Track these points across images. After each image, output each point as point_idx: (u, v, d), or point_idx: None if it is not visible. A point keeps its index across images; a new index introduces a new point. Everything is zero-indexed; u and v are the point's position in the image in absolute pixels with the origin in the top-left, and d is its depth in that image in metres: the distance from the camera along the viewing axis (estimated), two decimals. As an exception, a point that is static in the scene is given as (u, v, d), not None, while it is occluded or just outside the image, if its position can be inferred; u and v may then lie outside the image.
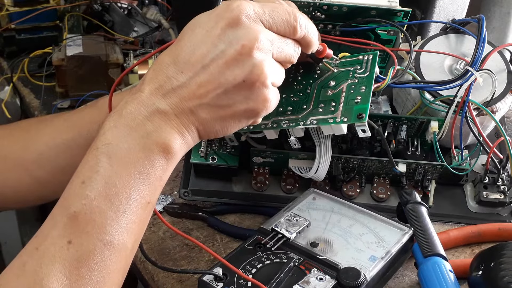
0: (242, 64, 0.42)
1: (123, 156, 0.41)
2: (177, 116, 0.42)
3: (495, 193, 0.63)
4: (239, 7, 0.42)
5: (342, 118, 0.52)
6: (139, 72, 0.88)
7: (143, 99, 0.42)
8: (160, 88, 0.42)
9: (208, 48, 0.42)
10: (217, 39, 0.42)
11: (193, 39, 0.43)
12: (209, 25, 0.43)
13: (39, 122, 0.64)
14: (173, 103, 0.42)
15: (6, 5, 0.96)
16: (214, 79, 0.42)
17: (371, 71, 0.54)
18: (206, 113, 0.43)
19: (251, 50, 0.42)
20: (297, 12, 0.46)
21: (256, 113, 0.45)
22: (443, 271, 0.51)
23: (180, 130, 0.43)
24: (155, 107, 0.42)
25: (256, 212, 0.65)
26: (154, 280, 0.57)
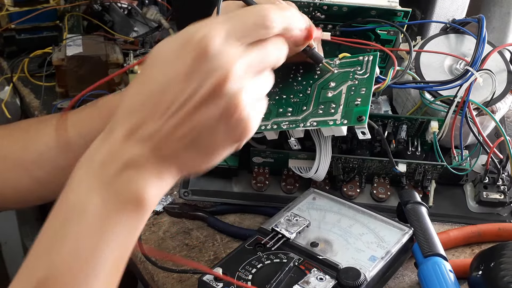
0: (217, 101, 0.38)
1: (93, 215, 0.38)
2: (153, 164, 0.39)
3: (495, 193, 0.63)
4: (206, 37, 0.38)
5: (342, 120, 0.52)
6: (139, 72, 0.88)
7: (114, 149, 0.39)
8: (132, 135, 0.39)
9: (178, 87, 0.38)
10: (186, 77, 0.38)
11: (160, 79, 0.39)
12: (175, 61, 0.39)
13: (39, 122, 0.64)
14: (149, 149, 0.39)
15: (6, 5, 0.96)
16: (189, 120, 0.38)
17: (371, 73, 0.54)
18: (185, 154, 0.40)
19: (224, 84, 0.38)
20: (268, 9, 0.42)
21: (238, 141, 0.42)
22: (443, 271, 0.51)
23: (158, 176, 0.39)
24: (128, 156, 0.38)
25: (256, 212, 0.65)
26: (154, 280, 0.57)
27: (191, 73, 0.38)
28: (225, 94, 0.38)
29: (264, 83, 0.42)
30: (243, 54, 0.39)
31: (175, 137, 0.39)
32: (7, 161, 0.60)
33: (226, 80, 0.38)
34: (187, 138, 0.39)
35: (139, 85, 0.40)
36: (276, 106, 0.57)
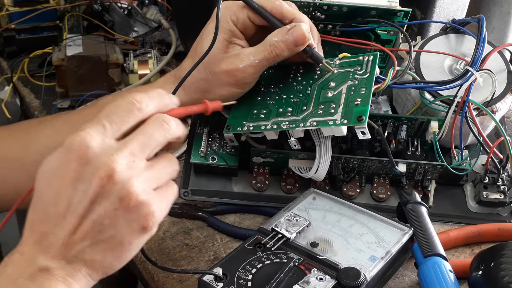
0: (107, 195, 0.40)
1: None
2: (61, 269, 0.40)
3: (495, 193, 0.63)
4: (81, 144, 0.40)
5: (342, 120, 0.52)
6: (139, 72, 0.88)
7: (23, 260, 0.40)
8: (38, 245, 0.40)
9: (69, 194, 0.40)
10: (74, 181, 0.40)
11: (52, 190, 0.41)
12: (62, 171, 0.41)
13: (39, 123, 0.64)
14: (55, 257, 0.40)
15: (6, 5, 0.96)
16: (87, 220, 0.40)
17: (371, 73, 0.54)
18: (92, 254, 0.41)
19: (111, 179, 0.39)
20: (132, 94, 0.43)
21: (145, 230, 0.42)
22: (443, 271, 0.51)
23: (65, 282, 0.40)
24: (37, 266, 0.40)
25: (256, 212, 0.65)
26: (154, 280, 0.57)
27: (78, 179, 0.40)
28: (115, 188, 0.40)
29: (161, 167, 0.43)
30: (121, 146, 0.41)
31: (76, 238, 0.40)
32: (7, 162, 0.60)
33: (112, 176, 0.39)
34: (89, 236, 0.40)
35: (35, 200, 0.42)
36: (276, 106, 0.57)
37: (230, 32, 0.56)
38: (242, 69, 0.55)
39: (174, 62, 0.94)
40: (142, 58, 0.91)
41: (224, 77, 0.56)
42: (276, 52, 0.54)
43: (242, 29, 0.56)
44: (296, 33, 0.54)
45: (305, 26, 0.54)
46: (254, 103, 0.59)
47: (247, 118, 0.58)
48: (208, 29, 0.57)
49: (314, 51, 0.56)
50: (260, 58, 0.55)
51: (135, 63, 0.88)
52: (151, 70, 0.88)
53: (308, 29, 0.54)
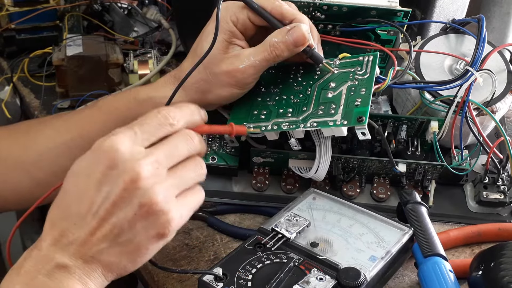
0: (129, 200, 0.41)
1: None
2: (78, 268, 0.42)
3: (495, 193, 0.63)
4: (111, 147, 0.41)
5: (342, 121, 0.52)
6: (139, 72, 0.88)
7: (41, 256, 0.42)
8: (57, 243, 0.42)
9: (93, 195, 0.41)
10: (99, 184, 0.41)
11: (77, 189, 0.42)
12: (90, 171, 0.42)
13: (38, 123, 0.64)
14: (73, 255, 0.41)
15: (6, 5, 0.96)
16: (107, 223, 0.41)
17: (371, 73, 0.54)
18: (108, 255, 0.42)
19: (134, 184, 0.41)
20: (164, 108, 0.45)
21: (162, 236, 0.43)
22: (443, 271, 0.51)
23: (82, 281, 0.42)
24: (55, 263, 0.41)
25: (256, 212, 0.65)
26: (154, 280, 0.57)
27: (103, 181, 0.41)
28: (137, 193, 0.41)
29: (185, 173, 0.45)
30: (149, 153, 0.42)
31: (95, 240, 0.41)
32: (7, 163, 0.60)
33: (136, 181, 0.41)
34: (108, 239, 0.42)
35: (59, 199, 0.43)
36: (276, 106, 0.57)
37: (230, 33, 0.56)
38: (242, 69, 0.55)
39: (174, 62, 0.94)
40: (142, 58, 0.91)
41: (224, 78, 0.56)
42: (276, 53, 0.54)
43: (242, 29, 0.56)
44: (296, 33, 0.54)
45: (305, 27, 0.54)
46: (254, 103, 0.59)
47: (247, 118, 0.58)
48: (208, 30, 0.57)
49: (314, 51, 0.56)
50: (260, 59, 0.55)
51: (135, 63, 0.88)
52: (151, 70, 0.88)
53: (308, 29, 0.54)
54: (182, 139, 0.45)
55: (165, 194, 0.42)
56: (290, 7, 0.56)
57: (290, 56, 0.55)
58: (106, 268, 0.43)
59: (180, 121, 0.45)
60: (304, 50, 0.55)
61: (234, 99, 0.59)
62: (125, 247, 0.42)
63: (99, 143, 0.42)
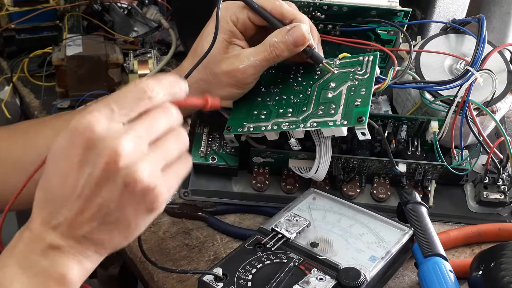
0: (113, 179, 0.40)
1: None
2: (71, 247, 0.41)
3: (495, 193, 0.63)
4: (87, 126, 0.40)
5: (342, 121, 0.52)
6: (139, 72, 0.88)
7: (33, 237, 0.41)
8: (47, 224, 0.41)
9: (75, 176, 0.41)
10: (79, 164, 0.40)
11: (59, 171, 0.42)
12: (68, 153, 0.41)
13: (38, 124, 0.64)
14: (64, 235, 0.41)
15: (6, 5, 0.96)
16: (93, 203, 0.41)
17: (371, 73, 0.54)
18: (100, 234, 0.42)
19: (115, 163, 0.40)
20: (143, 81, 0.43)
21: (151, 211, 0.42)
22: (443, 271, 0.51)
23: (76, 259, 0.42)
24: (47, 243, 0.41)
25: (256, 212, 0.65)
26: (154, 280, 0.57)
27: (83, 162, 0.40)
28: (119, 170, 0.40)
29: (167, 145, 0.43)
30: (128, 129, 0.41)
31: (83, 219, 0.41)
32: (7, 163, 0.60)
33: (117, 158, 0.39)
34: (96, 218, 0.41)
35: (43, 179, 0.43)
36: (276, 106, 0.57)
37: (230, 33, 0.55)
38: (242, 69, 0.55)
39: (174, 62, 0.94)
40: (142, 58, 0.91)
41: (224, 78, 0.56)
42: (276, 53, 0.54)
43: (242, 29, 0.56)
44: (296, 33, 0.54)
45: (305, 27, 0.54)
46: (254, 103, 0.59)
47: (247, 119, 0.58)
48: (208, 30, 0.57)
49: (314, 51, 0.56)
50: (260, 59, 0.55)
51: (135, 63, 0.88)
52: (151, 70, 0.88)
53: (308, 29, 0.54)
54: (160, 112, 0.43)
55: (149, 169, 0.41)
56: (290, 7, 0.56)
57: (290, 56, 0.55)
58: (99, 246, 0.42)
59: (159, 93, 0.43)
60: (304, 50, 0.55)
61: (234, 99, 0.59)
62: (115, 225, 0.42)
63: (74, 123, 0.41)
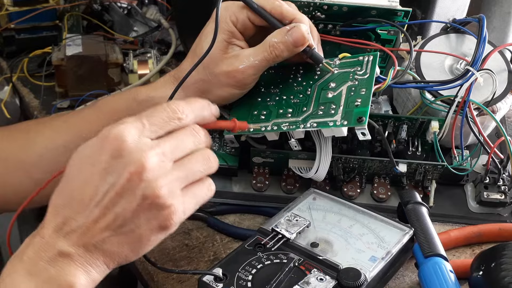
0: (133, 191, 0.41)
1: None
2: (80, 256, 0.42)
3: (495, 193, 0.63)
4: (117, 136, 0.41)
5: (342, 121, 0.52)
6: (139, 72, 0.88)
7: (43, 243, 0.42)
8: (59, 230, 0.42)
9: (97, 183, 0.41)
10: (104, 172, 0.41)
11: (81, 177, 0.42)
12: (94, 160, 0.42)
13: (38, 124, 0.64)
14: (75, 243, 0.41)
15: (5, 5, 0.96)
16: (110, 212, 0.41)
17: (371, 73, 0.54)
18: (110, 245, 0.42)
19: (139, 175, 0.41)
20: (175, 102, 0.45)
21: (164, 229, 0.43)
22: (443, 271, 0.51)
23: (85, 269, 0.42)
24: (57, 250, 0.41)
25: (256, 212, 0.65)
26: (154, 281, 0.57)
27: (107, 170, 0.41)
28: (141, 185, 0.41)
29: (191, 165, 0.44)
30: (155, 145, 0.42)
31: (97, 229, 0.42)
32: (7, 163, 0.60)
33: (141, 172, 0.41)
34: (110, 228, 0.42)
35: (62, 184, 0.43)
36: (276, 107, 0.57)
37: (229, 33, 0.55)
38: (242, 70, 0.55)
39: (174, 62, 0.94)
40: (142, 58, 0.91)
41: (223, 78, 0.56)
42: (275, 53, 0.54)
43: (242, 30, 0.56)
44: (296, 34, 0.54)
45: (305, 27, 0.54)
46: (254, 104, 0.59)
47: (247, 119, 0.58)
48: (207, 30, 0.57)
49: (314, 51, 0.56)
50: (259, 59, 0.54)
51: (134, 63, 0.88)
52: (151, 70, 0.88)
53: (307, 30, 0.54)
54: (188, 133, 0.45)
55: (169, 187, 0.42)
56: (290, 7, 0.56)
57: (289, 56, 0.55)
58: (107, 257, 0.43)
59: (188, 116, 0.45)
60: (304, 50, 0.55)
61: (234, 99, 0.59)
62: (127, 237, 0.42)
63: (106, 130, 0.42)
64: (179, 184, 0.43)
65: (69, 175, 0.43)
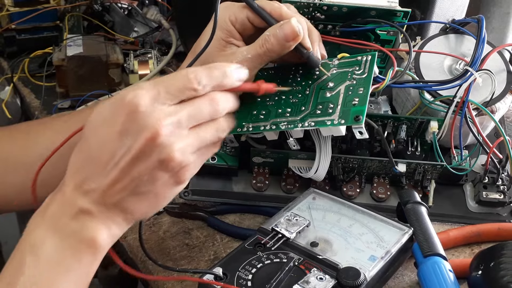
0: (149, 154, 0.43)
1: (49, 256, 0.42)
2: (101, 212, 0.43)
3: (494, 193, 0.63)
4: (133, 100, 0.42)
5: (340, 120, 0.52)
6: (140, 72, 0.88)
7: (65, 200, 0.43)
8: (79, 189, 0.43)
9: (114, 145, 0.43)
10: (120, 135, 0.43)
11: (98, 138, 0.44)
12: (110, 122, 0.43)
13: (39, 124, 0.64)
14: (95, 201, 0.43)
15: (6, 5, 0.96)
16: (127, 174, 0.43)
17: (369, 73, 0.54)
18: (129, 203, 0.44)
19: (154, 140, 0.42)
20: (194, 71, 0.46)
21: (179, 183, 0.45)
22: (442, 271, 0.51)
23: (105, 224, 0.44)
24: (78, 207, 0.43)
25: (256, 212, 0.65)
26: (154, 280, 0.57)
27: (124, 131, 0.42)
28: (156, 149, 0.42)
29: (204, 134, 0.46)
30: (171, 113, 0.43)
31: (116, 189, 0.43)
32: (7, 164, 0.60)
33: (155, 138, 0.42)
34: (128, 189, 0.43)
35: (81, 145, 0.45)
36: (275, 106, 0.57)
37: (227, 32, 0.56)
38: None
39: (174, 62, 0.95)
40: (142, 58, 0.91)
41: None
42: (266, 47, 0.54)
43: (241, 30, 0.56)
44: (286, 27, 0.53)
45: (295, 22, 0.53)
46: (254, 104, 0.59)
47: (246, 119, 0.58)
48: (207, 30, 0.57)
49: (311, 54, 0.56)
50: (252, 54, 0.54)
51: (135, 63, 0.88)
52: (151, 70, 0.88)
53: (299, 25, 0.54)
54: (206, 102, 0.46)
55: (183, 151, 0.44)
56: (289, 10, 0.56)
57: (282, 52, 0.55)
58: (127, 214, 0.44)
59: (206, 86, 0.46)
60: (301, 52, 0.55)
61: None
62: (145, 196, 0.44)
63: (122, 93, 0.43)
64: (192, 149, 0.45)
65: (87, 135, 0.44)
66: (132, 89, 0.43)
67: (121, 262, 0.46)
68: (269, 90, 0.53)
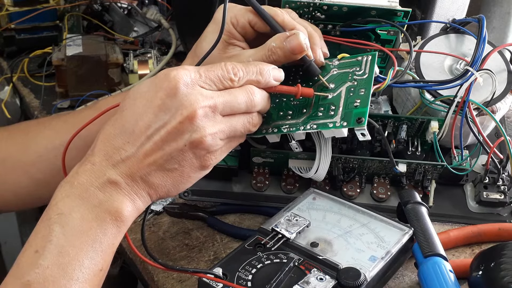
0: (183, 132, 0.44)
1: (76, 226, 0.42)
2: (127, 185, 0.44)
3: (495, 193, 0.63)
4: (176, 77, 0.44)
5: (342, 122, 0.52)
6: (139, 72, 0.88)
7: (94, 170, 0.44)
8: (109, 158, 0.44)
9: (150, 118, 0.44)
10: (158, 109, 0.44)
11: (135, 110, 0.45)
12: (150, 96, 0.45)
13: (38, 124, 0.64)
14: (123, 173, 0.44)
15: (6, 5, 0.96)
16: (159, 148, 0.44)
17: (370, 73, 0.54)
18: (155, 178, 0.45)
19: (191, 119, 0.44)
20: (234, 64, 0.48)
21: (204, 168, 0.47)
22: (443, 271, 0.51)
23: (131, 197, 0.45)
24: (106, 178, 0.44)
25: (256, 212, 0.65)
26: (154, 280, 0.57)
27: (161, 107, 0.44)
28: (190, 129, 0.45)
29: (236, 124, 0.48)
30: (210, 96, 0.46)
31: (145, 163, 0.44)
32: (6, 163, 0.60)
33: (192, 117, 0.44)
34: (156, 164, 0.45)
35: (117, 116, 0.46)
36: (277, 109, 0.57)
37: (229, 34, 0.56)
38: None
39: (174, 62, 0.95)
40: (142, 58, 0.91)
41: None
42: (273, 58, 0.54)
43: (242, 33, 0.56)
44: (294, 42, 0.53)
45: (303, 36, 0.54)
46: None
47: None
48: (207, 31, 0.57)
49: (312, 64, 0.56)
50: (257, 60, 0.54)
51: (135, 63, 0.88)
52: (151, 70, 0.88)
53: (306, 39, 0.54)
54: (243, 93, 0.48)
55: (213, 136, 0.46)
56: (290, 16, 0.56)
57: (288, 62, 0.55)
58: (152, 189, 0.45)
59: (241, 80, 0.48)
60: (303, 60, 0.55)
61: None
62: (171, 173, 0.45)
63: (165, 71, 0.45)
64: (222, 135, 0.47)
65: (123, 108, 0.46)
66: (175, 68, 0.45)
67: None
68: (308, 94, 0.54)
